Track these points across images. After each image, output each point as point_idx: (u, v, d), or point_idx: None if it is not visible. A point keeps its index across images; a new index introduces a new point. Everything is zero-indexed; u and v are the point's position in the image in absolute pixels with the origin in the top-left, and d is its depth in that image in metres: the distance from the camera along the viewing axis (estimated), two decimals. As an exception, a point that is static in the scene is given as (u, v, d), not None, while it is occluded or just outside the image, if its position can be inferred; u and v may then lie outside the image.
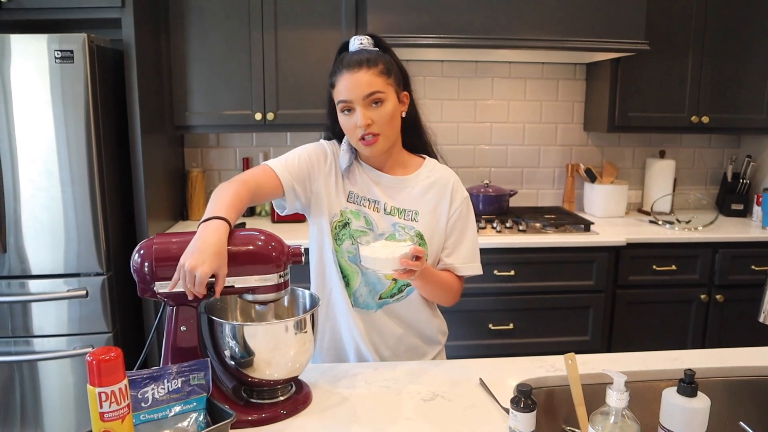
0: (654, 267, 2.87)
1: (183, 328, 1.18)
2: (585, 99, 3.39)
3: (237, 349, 1.18)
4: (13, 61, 2.26)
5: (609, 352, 2.89)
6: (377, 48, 1.45)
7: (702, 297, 2.92)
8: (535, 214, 3.16)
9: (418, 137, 1.55)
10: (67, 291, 2.40)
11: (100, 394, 0.92)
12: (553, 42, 2.72)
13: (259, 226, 1.90)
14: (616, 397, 0.92)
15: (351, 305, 1.51)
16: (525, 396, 1.10)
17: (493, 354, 2.76)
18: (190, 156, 3.21)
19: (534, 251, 2.77)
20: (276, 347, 1.19)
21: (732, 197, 3.39)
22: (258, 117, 2.82)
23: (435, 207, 1.51)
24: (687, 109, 3.11)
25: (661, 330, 2.94)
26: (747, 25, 3.06)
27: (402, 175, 1.52)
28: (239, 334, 1.17)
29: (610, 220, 3.20)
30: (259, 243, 1.20)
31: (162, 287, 1.15)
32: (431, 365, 1.48)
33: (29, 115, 2.29)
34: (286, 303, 1.37)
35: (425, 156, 1.57)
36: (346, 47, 1.46)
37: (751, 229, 3.06)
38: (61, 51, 2.26)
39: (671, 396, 0.94)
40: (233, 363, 1.20)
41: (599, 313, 2.85)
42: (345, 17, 2.81)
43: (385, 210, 1.50)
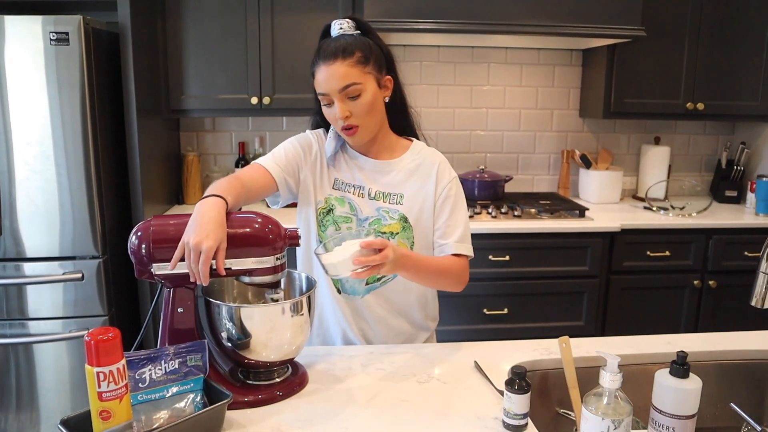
0: (648, 253, 2.89)
1: (180, 309, 1.19)
2: (581, 85, 3.38)
3: (234, 331, 1.19)
4: (8, 43, 2.24)
5: (603, 337, 2.91)
6: (359, 31, 1.41)
7: (695, 283, 2.94)
8: (530, 199, 3.17)
9: (405, 119, 1.54)
10: (63, 274, 2.40)
11: (98, 373, 0.93)
12: (550, 27, 2.71)
13: (256, 209, 1.90)
14: (609, 378, 0.93)
15: (336, 292, 1.52)
16: (519, 378, 1.11)
17: (488, 338, 2.78)
18: (185, 140, 3.20)
19: (529, 237, 2.78)
20: (272, 329, 1.20)
21: (726, 184, 3.40)
22: (254, 101, 2.82)
23: (420, 189, 1.49)
24: (682, 96, 3.11)
25: (655, 315, 2.96)
26: (742, 13, 3.06)
27: (388, 159, 1.51)
28: (236, 315, 1.18)
29: (604, 206, 3.22)
30: (256, 225, 1.21)
31: (159, 269, 1.16)
32: (427, 348, 1.49)
33: (24, 98, 2.28)
34: (282, 286, 1.38)
35: (413, 139, 1.56)
36: (328, 32, 1.43)
37: (745, 216, 3.08)
38: (57, 33, 2.24)
39: (663, 377, 0.95)
40: (230, 345, 1.21)
41: (593, 299, 2.87)
42: (342, 1, 2.79)
43: (370, 195, 1.49)
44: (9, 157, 2.31)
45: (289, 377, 1.27)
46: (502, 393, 1.26)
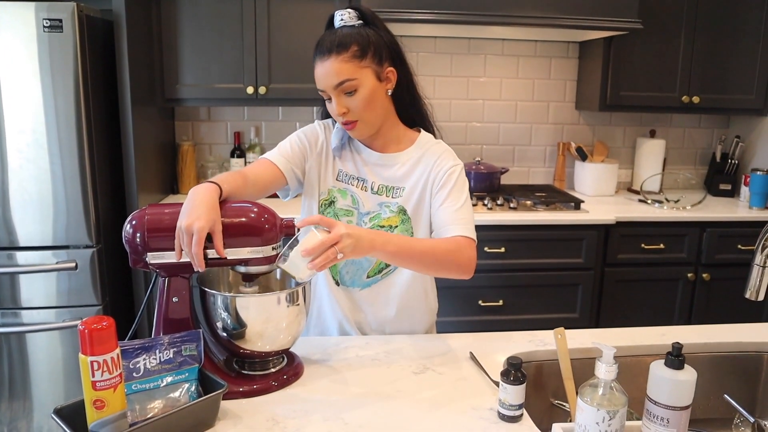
0: (642, 245, 2.90)
1: (175, 299, 1.18)
2: (577, 77, 3.38)
3: (229, 321, 1.18)
4: (0, 30, 2.21)
5: (597, 328, 2.92)
6: (362, 21, 1.38)
7: (689, 275, 2.95)
8: (526, 191, 3.16)
9: (414, 110, 1.50)
10: (56, 263, 2.38)
11: (92, 362, 0.92)
12: (547, 19, 2.71)
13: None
14: (604, 369, 0.93)
15: (334, 284, 1.50)
16: (515, 369, 1.11)
17: (483, 330, 2.79)
18: (180, 129, 3.18)
19: (524, 228, 2.78)
20: (268, 319, 1.20)
21: (720, 177, 3.41)
22: (250, 91, 2.80)
23: (419, 180, 1.45)
24: (678, 89, 3.11)
25: (648, 308, 2.98)
26: (739, 6, 3.06)
27: (394, 152, 1.48)
28: (231, 305, 1.17)
29: (600, 198, 3.22)
30: (252, 215, 1.20)
31: (154, 258, 1.15)
32: (422, 339, 1.49)
33: (16, 85, 2.26)
34: (278, 276, 1.38)
35: (421, 130, 1.52)
36: (332, 23, 1.40)
37: (738, 209, 3.10)
38: (50, 20, 2.22)
39: (658, 368, 0.95)
40: (225, 334, 1.20)
41: (588, 291, 2.88)
42: (338, -10, 2.78)
43: (373, 189, 1.47)
44: (1, 146, 2.29)
45: (285, 367, 1.27)
46: (497, 384, 1.26)
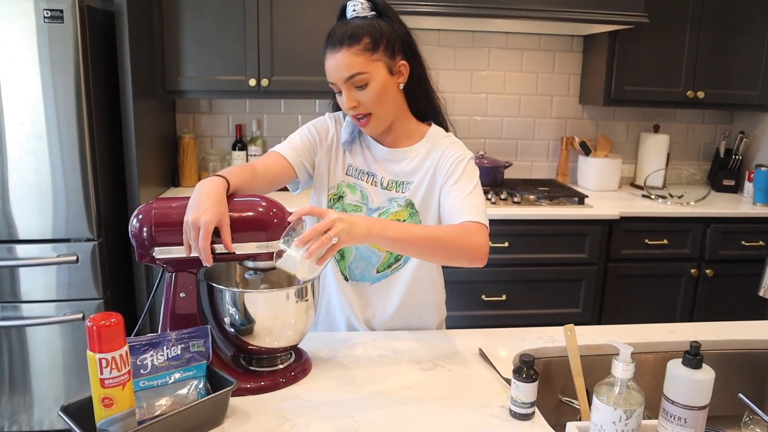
0: (646, 241, 2.89)
1: (182, 294, 1.16)
2: (581, 72, 3.36)
3: (237, 317, 1.17)
4: (0, 20, 2.18)
5: (599, 324, 2.91)
6: (375, 12, 1.34)
7: (692, 271, 2.94)
8: (530, 186, 3.15)
9: (426, 104, 1.48)
10: (57, 256, 2.36)
11: (100, 360, 0.91)
12: (553, 12, 2.68)
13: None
14: (622, 368, 0.92)
15: (343, 279, 1.49)
16: (527, 366, 1.10)
17: (486, 325, 2.78)
18: (181, 121, 3.15)
19: (528, 223, 2.77)
20: (277, 315, 1.18)
21: (723, 173, 3.40)
22: (252, 83, 2.77)
23: (427, 172, 1.43)
24: (683, 84, 3.09)
25: (651, 303, 2.97)
26: (744, 1, 3.04)
27: (405, 146, 1.45)
28: (240, 301, 1.16)
29: (603, 193, 3.21)
30: (260, 209, 1.18)
31: (161, 253, 1.13)
32: (430, 335, 1.48)
33: (16, 76, 2.23)
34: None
35: (432, 123, 1.50)
36: (344, 13, 1.37)
37: (742, 205, 3.08)
38: (50, 10, 2.19)
39: (676, 368, 0.94)
40: (233, 330, 1.18)
41: (591, 286, 2.87)
42: (342, -18, 2.74)
43: (382, 184, 1.45)
44: (1, 137, 2.26)
45: (293, 364, 1.25)
46: (507, 381, 1.25)
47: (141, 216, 1.14)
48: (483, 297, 2.80)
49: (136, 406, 0.98)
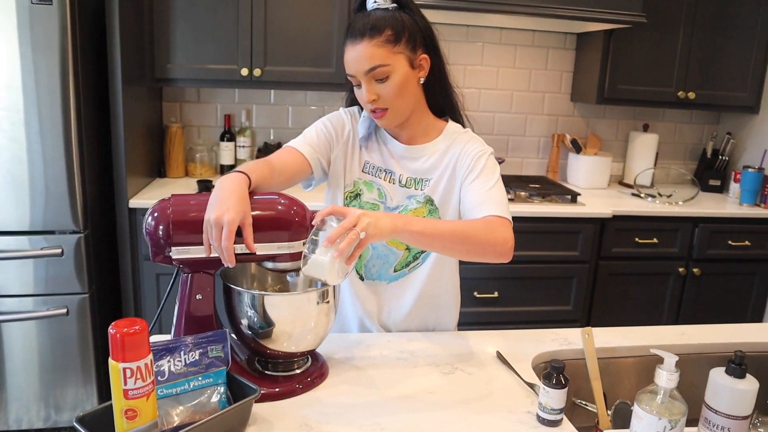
0: (636, 239, 2.90)
1: (198, 296, 1.11)
2: (574, 69, 3.35)
3: (256, 320, 1.12)
4: (-16, 0, 2.08)
5: (589, 321, 2.93)
6: (396, 5, 1.30)
7: (680, 270, 2.97)
8: (521, 182, 3.14)
9: (444, 100, 1.43)
10: (41, 249, 2.27)
11: (124, 369, 0.85)
12: (550, 9, 2.66)
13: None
14: (666, 377, 0.89)
15: (358, 279, 1.45)
16: (558, 372, 1.07)
17: (478, 321, 2.77)
18: (168, 110, 3.05)
19: (521, 221, 2.74)
20: (297, 318, 1.13)
21: (710, 173, 3.44)
22: (244, 72, 2.69)
23: (447, 168, 1.39)
24: (674, 84, 3.11)
25: (639, 301, 2.99)
26: (735, 3, 3.07)
27: (422, 143, 1.42)
28: (259, 303, 1.11)
29: (593, 191, 3.21)
30: (281, 207, 1.13)
31: (178, 253, 1.07)
32: (443, 336, 1.45)
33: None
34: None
35: (449, 119, 1.45)
36: (363, 5, 1.33)
37: (728, 205, 3.12)
38: (39, -9, 2.09)
39: (719, 376, 0.92)
40: (250, 333, 1.13)
41: (582, 284, 2.87)
42: (338, -28, 2.68)
43: (400, 182, 1.41)
44: (-18, 124, 2.15)
45: (309, 368, 1.21)
46: (530, 386, 1.23)
47: (156, 214, 1.08)
48: (475, 294, 2.78)
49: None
